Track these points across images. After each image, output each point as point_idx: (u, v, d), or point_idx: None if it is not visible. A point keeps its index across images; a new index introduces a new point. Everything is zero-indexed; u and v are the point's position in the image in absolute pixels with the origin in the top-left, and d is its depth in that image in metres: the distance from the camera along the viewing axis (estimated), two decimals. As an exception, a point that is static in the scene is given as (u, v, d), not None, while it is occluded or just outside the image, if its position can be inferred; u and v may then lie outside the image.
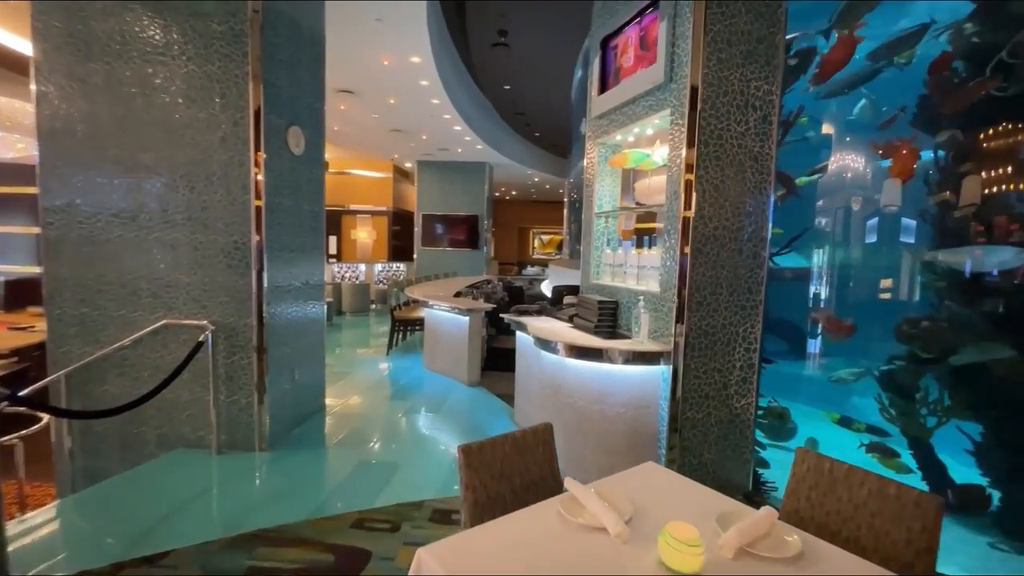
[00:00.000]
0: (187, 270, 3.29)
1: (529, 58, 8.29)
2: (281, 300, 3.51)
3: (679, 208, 2.67)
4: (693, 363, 2.72)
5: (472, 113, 8.71)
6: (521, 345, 3.84)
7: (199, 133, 3.23)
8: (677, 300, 2.68)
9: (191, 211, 3.27)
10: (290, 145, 3.52)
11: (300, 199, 3.70)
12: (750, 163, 2.71)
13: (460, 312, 5.02)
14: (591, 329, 3.16)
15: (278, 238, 3.44)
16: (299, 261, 3.72)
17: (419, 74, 6.26)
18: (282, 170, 3.46)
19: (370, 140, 10.06)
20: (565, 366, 2.97)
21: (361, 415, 4.16)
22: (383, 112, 8.01)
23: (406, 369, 5.72)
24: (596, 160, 3.59)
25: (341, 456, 3.34)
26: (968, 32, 3.88)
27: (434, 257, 12.55)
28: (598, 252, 3.65)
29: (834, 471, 1.47)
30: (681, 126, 2.67)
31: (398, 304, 6.79)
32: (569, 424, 2.97)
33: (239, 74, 3.18)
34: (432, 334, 5.63)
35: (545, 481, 1.64)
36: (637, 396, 2.83)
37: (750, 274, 2.77)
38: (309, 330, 3.91)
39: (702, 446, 2.78)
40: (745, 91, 2.66)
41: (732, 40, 2.62)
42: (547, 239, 21.36)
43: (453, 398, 4.63)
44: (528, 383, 3.70)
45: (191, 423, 3.35)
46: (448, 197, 12.46)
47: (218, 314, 3.30)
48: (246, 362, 3.32)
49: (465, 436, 3.73)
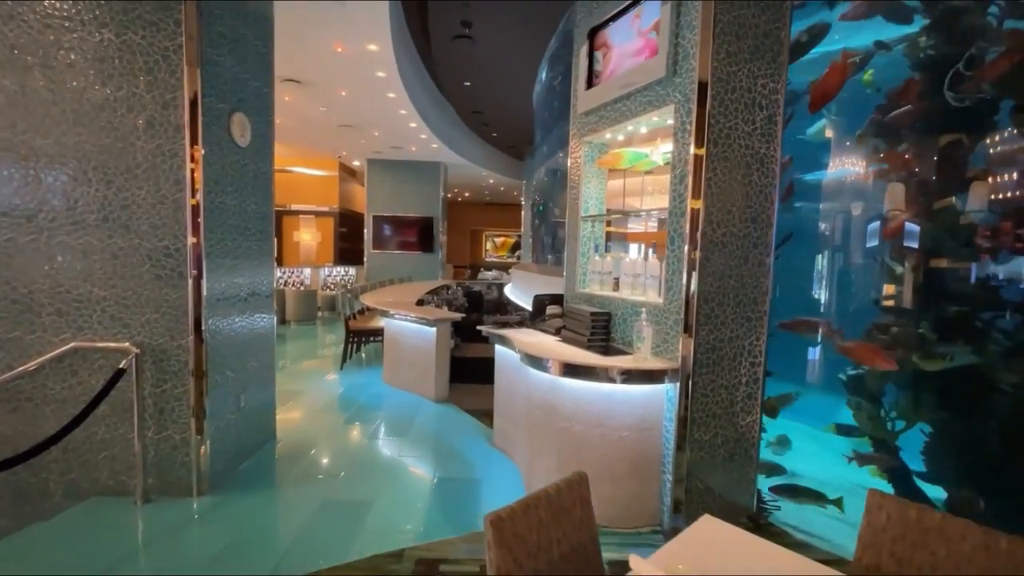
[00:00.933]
0: (102, 281, 2.72)
1: (492, 53, 7.96)
2: (224, 314, 2.99)
3: (686, 212, 2.46)
4: (700, 380, 2.51)
5: (429, 110, 8.28)
6: (501, 361, 3.52)
7: (117, 116, 2.67)
8: (684, 312, 2.47)
9: (108, 210, 2.70)
10: (234, 134, 3.01)
11: (245, 197, 3.19)
12: (756, 165, 2.54)
13: (427, 323, 4.62)
14: (584, 344, 2.90)
15: (220, 242, 2.92)
16: (244, 268, 3.20)
17: (376, 64, 5.78)
18: (224, 163, 2.95)
19: (316, 136, 9.36)
20: (560, 387, 2.68)
21: (319, 442, 3.67)
22: (333, 105, 7.42)
23: (364, 385, 5.22)
24: (582, 160, 3.34)
25: (299, 496, 2.88)
26: (923, 45, 3.98)
27: (386, 261, 11.94)
28: (585, 259, 3.40)
29: (924, 521, 1.26)
30: (687, 124, 2.46)
31: (352, 313, 6.26)
32: (565, 450, 2.68)
33: (169, 47, 2.66)
34: (393, 346, 5.18)
35: (585, 548, 1.33)
36: (640, 418, 2.59)
37: (756, 283, 2.60)
38: (257, 347, 3.39)
39: (708, 469, 2.58)
40: (752, 88, 2.49)
41: (740, 33, 2.44)
42: (500, 242, 21.11)
43: (422, 418, 4.23)
44: (511, 403, 3.38)
45: (109, 466, 2.77)
46: (401, 198, 11.90)
47: (143, 334, 2.74)
48: (180, 390, 2.78)
49: (442, 463, 3.36)
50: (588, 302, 3.24)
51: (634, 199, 3.68)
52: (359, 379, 5.49)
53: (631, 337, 2.88)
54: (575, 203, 3.42)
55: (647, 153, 2.86)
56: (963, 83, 3.54)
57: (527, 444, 3.03)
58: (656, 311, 2.67)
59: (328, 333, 8.72)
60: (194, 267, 2.74)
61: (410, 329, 4.88)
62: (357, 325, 6.02)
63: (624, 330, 2.94)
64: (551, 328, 3.27)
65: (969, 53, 3.53)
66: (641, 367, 2.49)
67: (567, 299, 3.52)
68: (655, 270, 2.72)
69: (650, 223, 4.01)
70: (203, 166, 2.73)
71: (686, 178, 2.47)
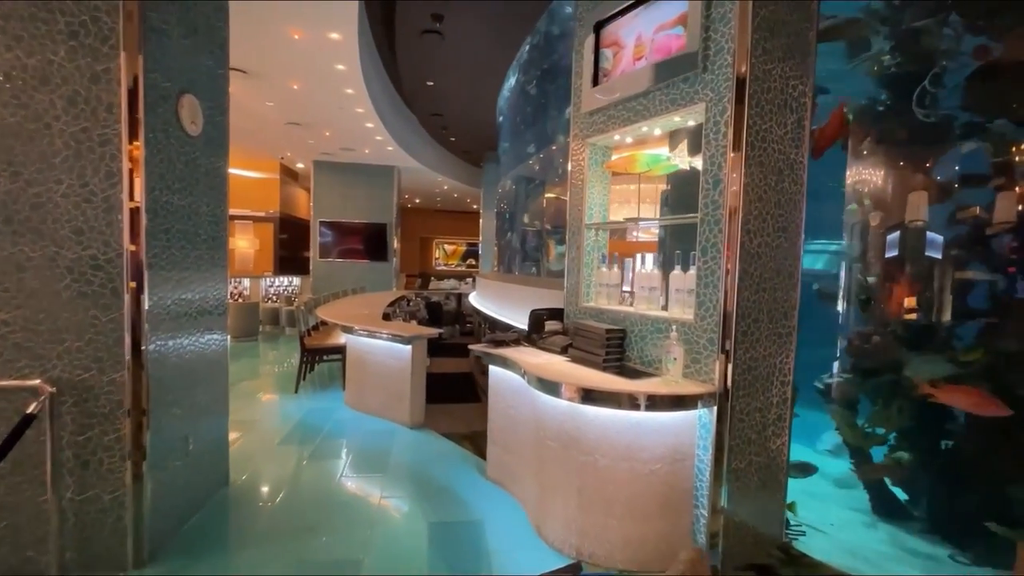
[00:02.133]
0: (3, 302, 2.11)
1: (460, 53, 7.57)
2: (169, 336, 2.44)
3: (722, 220, 2.25)
4: (737, 404, 2.30)
5: (387, 110, 7.78)
6: (498, 384, 3.17)
7: (27, 90, 2.09)
8: (722, 329, 2.25)
9: (12, 209, 2.11)
10: (183, 120, 2.48)
11: (197, 197, 2.65)
12: (788, 171, 2.38)
13: (401, 340, 4.16)
14: (599, 364, 2.62)
15: (166, 250, 2.38)
16: (194, 282, 2.66)
17: (337, 56, 5.26)
18: (171, 155, 2.42)
19: (259, 134, 8.56)
20: (582, 415, 2.37)
21: (282, 485, 3.13)
22: (282, 100, 6.75)
23: (326, 411, 4.66)
24: (586, 163, 3.08)
25: (265, 559, 2.37)
26: (887, 63, 4.12)
27: (334, 270, 11.16)
28: (589, 270, 3.13)
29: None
30: (720, 124, 2.26)
31: (307, 329, 5.65)
32: (588, 487, 2.37)
33: (101, 6, 2.13)
34: (359, 366, 4.66)
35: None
36: (672, 448, 2.33)
37: (786, 297, 2.44)
38: (208, 375, 2.83)
39: (743, 500, 2.37)
40: (784, 89, 2.33)
41: (775, 29, 2.28)
42: (451, 250, 20.61)
43: (399, 449, 3.77)
44: (512, 431, 3.03)
45: (12, 539, 2.14)
46: (351, 203, 11.19)
47: (62, 368, 2.15)
48: (112, 437, 2.21)
49: (433, 504, 2.94)
50: (596, 317, 2.97)
51: (622, 206, 3.48)
52: (318, 403, 4.91)
53: (649, 355, 2.64)
54: (578, 209, 3.15)
55: (667, 156, 2.64)
56: (930, 100, 3.67)
57: (536, 479, 2.69)
58: (685, 328, 2.44)
59: (274, 350, 7.94)
60: (132, 279, 2.19)
61: (379, 347, 4.40)
62: (314, 342, 5.42)
63: (642, 348, 2.69)
64: (556, 347, 2.97)
65: (933, 71, 3.66)
66: (677, 392, 2.23)
67: (569, 314, 3.23)
68: (682, 283, 2.48)
69: (635, 235, 3.83)
70: (145, 157, 2.20)
71: (720, 183, 2.27)
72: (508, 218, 7.83)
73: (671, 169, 2.69)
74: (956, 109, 3.55)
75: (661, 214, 3.38)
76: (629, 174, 3.02)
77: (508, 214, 8.01)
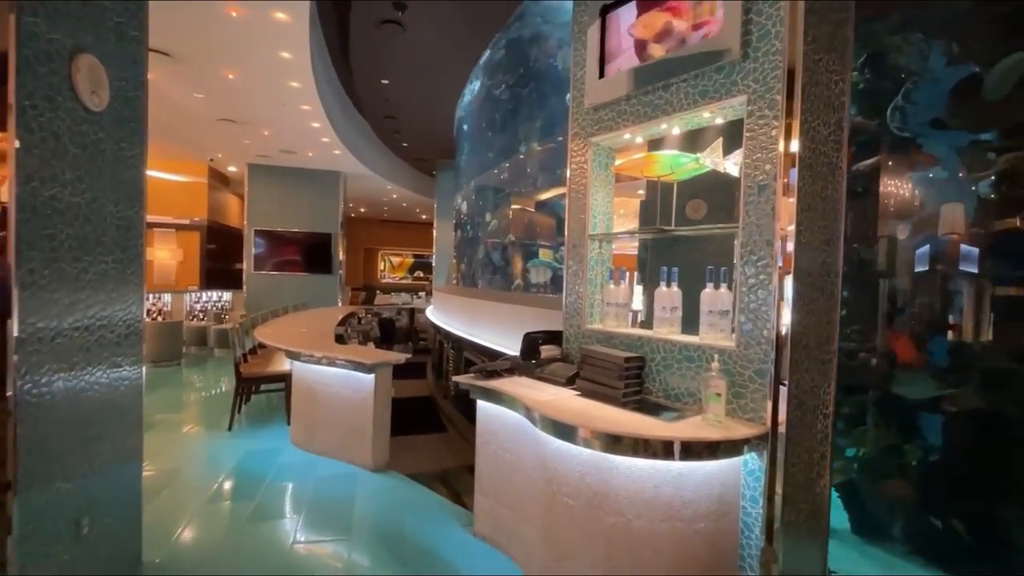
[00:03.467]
0: None
1: (421, 48, 7.04)
2: (54, 380, 1.77)
3: (774, 231, 1.93)
4: (790, 445, 1.97)
5: (336, 108, 7.11)
6: (489, 422, 2.68)
7: None
8: (775, 359, 1.91)
9: None
10: (79, 89, 1.84)
11: (101, 192, 2.00)
12: (831, 177, 2.12)
13: (362, 369, 3.56)
14: (618, 400, 2.21)
15: (50, 263, 1.73)
16: (94, 305, 1.99)
17: (282, 42, 4.61)
18: (62, 134, 1.78)
19: (185, 131, 7.57)
20: (610, 466, 1.95)
21: (216, 563, 2.46)
22: (214, 91, 5.92)
23: (269, 453, 3.94)
24: (590, 166, 2.70)
25: None
26: (857, 79, 4.11)
27: (272, 283, 10.17)
28: (594, 288, 2.74)
29: None
30: (770, 120, 1.95)
31: (244, 354, 4.86)
32: (618, 555, 1.94)
33: (-47, -84, 1.49)
34: (307, 398, 3.99)
35: None
36: (718, 500, 1.96)
37: (828, 319, 2.15)
38: (116, 425, 2.14)
39: (792, 554, 2.03)
40: (829, 84, 2.07)
41: (823, 15, 2.01)
42: (397, 262, 19.75)
43: (363, 499, 3.16)
44: (509, 480, 2.55)
45: None
46: (291, 211, 10.29)
47: None
48: (-44, 535, 1.52)
49: (415, 572, 2.39)
50: (605, 342, 2.58)
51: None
52: (258, 442, 4.16)
53: (675, 388, 2.28)
54: (579, 218, 2.76)
55: (694, 156, 2.30)
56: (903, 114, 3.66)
57: (546, 542, 2.23)
58: (724, 356, 2.09)
59: (200, 376, 6.95)
60: (-5, 308, 1.53)
61: (334, 376, 3.77)
62: (252, 370, 4.66)
63: (665, 379, 2.32)
64: (559, 377, 2.54)
65: (905, 87, 3.66)
66: (728, 436, 1.86)
67: (569, 337, 2.82)
68: (719, 303, 2.14)
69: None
70: (18, 133, 1.57)
71: (767, 188, 1.95)
72: (470, 229, 7.36)
73: (698, 172, 2.36)
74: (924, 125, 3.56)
75: (641, 224, 3.06)
76: (635, 178, 2.68)
77: (468, 224, 7.54)
